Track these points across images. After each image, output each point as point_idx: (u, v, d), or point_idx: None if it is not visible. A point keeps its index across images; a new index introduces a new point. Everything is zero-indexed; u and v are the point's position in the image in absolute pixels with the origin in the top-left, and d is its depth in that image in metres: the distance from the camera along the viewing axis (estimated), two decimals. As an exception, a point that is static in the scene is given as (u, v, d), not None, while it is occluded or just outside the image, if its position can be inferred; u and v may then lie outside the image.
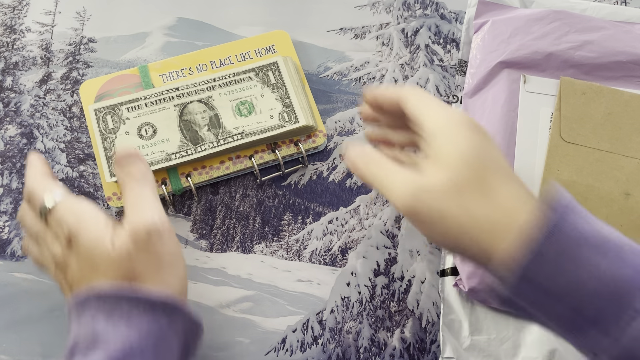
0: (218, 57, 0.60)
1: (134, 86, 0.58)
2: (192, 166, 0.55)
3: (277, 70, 0.57)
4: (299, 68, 0.59)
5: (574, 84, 0.55)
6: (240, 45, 0.61)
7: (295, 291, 0.56)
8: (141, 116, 0.55)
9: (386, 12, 0.65)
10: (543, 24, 0.57)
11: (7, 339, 0.52)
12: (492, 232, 0.34)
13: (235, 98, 0.56)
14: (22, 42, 0.64)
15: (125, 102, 0.55)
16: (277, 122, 0.55)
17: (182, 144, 0.54)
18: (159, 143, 0.54)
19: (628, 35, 0.56)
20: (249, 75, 0.57)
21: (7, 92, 0.62)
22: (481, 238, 0.34)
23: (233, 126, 0.55)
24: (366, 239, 0.57)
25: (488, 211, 0.34)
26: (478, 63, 0.57)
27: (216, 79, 0.57)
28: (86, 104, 0.58)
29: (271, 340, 0.53)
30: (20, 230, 0.57)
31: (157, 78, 0.59)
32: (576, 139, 0.53)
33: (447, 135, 0.36)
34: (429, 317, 0.54)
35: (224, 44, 0.61)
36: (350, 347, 0.53)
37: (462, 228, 0.34)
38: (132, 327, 0.36)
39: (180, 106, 0.55)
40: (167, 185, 0.55)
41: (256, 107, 0.56)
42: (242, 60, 0.60)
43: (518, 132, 0.54)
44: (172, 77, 0.59)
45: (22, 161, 0.59)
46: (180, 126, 0.55)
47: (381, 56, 0.63)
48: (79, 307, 0.38)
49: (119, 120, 0.55)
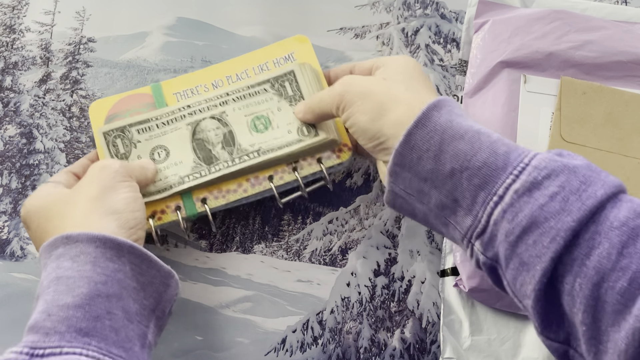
0: (234, 71, 0.55)
1: (147, 106, 0.53)
2: (208, 189, 0.50)
3: (294, 80, 0.52)
4: (320, 75, 0.53)
5: (574, 84, 0.54)
6: (257, 56, 0.55)
7: (295, 291, 0.55)
8: (153, 138, 0.51)
9: (386, 12, 0.65)
10: (543, 23, 0.57)
11: (6, 339, 0.52)
12: (400, 121, 0.40)
13: (250, 113, 0.51)
14: (21, 42, 0.64)
15: (135, 123, 0.51)
16: (295, 137, 0.50)
17: (195, 164, 0.50)
18: (173, 166, 0.50)
19: (628, 35, 0.56)
20: (264, 88, 0.52)
21: (7, 91, 0.62)
22: (393, 119, 0.40)
23: (248, 143, 0.50)
24: (366, 239, 0.57)
25: (406, 95, 0.42)
26: (478, 63, 0.57)
27: (229, 93, 0.52)
28: (96, 125, 0.53)
29: (271, 341, 0.53)
30: (20, 230, 0.57)
31: (171, 97, 0.54)
32: (577, 138, 0.53)
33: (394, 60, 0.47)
34: (429, 317, 0.54)
35: (241, 57, 0.55)
36: (350, 348, 0.53)
37: (380, 106, 0.41)
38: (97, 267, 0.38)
39: (193, 124, 0.51)
40: (181, 210, 0.49)
41: (273, 121, 0.51)
42: (260, 73, 0.54)
43: (518, 131, 0.54)
44: (186, 96, 0.54)
45: (22, 161, 0.59)
46: (193, 146, 0.50)
47: (381, 56, 0.63)
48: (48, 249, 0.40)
49: (129, 144, 0.50)
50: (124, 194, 0.44)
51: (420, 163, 0.38)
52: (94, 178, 0.44)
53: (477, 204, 0.36)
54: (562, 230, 0.32)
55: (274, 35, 0.65)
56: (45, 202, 0.44)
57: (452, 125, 0.38)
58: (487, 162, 0.36)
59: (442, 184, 0.37)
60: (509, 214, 0.34)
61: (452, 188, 0.37)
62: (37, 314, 0.37)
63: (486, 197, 0.35)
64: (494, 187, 0.35)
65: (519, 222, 0.34)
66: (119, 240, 0.40)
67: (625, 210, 0.33)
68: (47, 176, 0.59)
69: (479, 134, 0.37)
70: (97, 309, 0.37)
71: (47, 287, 0.38)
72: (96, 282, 0.38)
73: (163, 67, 0.65)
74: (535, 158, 0.35)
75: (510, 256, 0.34)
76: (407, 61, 0.47)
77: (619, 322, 0.31)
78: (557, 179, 0.34)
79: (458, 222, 0.37)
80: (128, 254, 0.40)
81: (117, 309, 0.38)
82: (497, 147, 0.36)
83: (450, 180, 0.37)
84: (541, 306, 0.34)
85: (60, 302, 0.37)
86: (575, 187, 0.33)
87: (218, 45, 0.65)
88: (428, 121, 0.38)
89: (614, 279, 0.31)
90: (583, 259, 0.32)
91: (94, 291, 0.37)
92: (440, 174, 0.37)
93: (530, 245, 0.33)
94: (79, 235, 0.39)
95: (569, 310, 0.33)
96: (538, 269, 0.33)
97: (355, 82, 0.44)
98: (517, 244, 0.34)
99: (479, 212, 0.36)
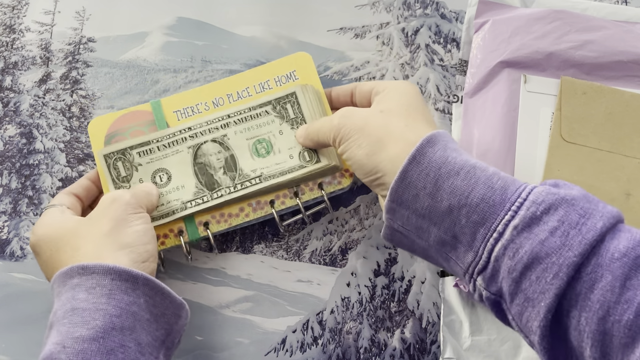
0: (235, 89, 0.54)
1: (147, 124, 0.53)
2: (210, 213, 0.51)
3: (296, 102, 0.52)
4: (322, 96, 0.53)
5: (574, 84, 0.54)
6: (258, 73, 0.55)
7: (295, 291, 0.55)
8: (154, 161, 0.51)
9: (386, 12, 0.65)
10: (544, 23, 0.57)
11: (6, 339, 0.52)
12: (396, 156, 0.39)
13: (251, 136, 0.51)
14: (21, 42, 0.64)
15: (135, 145, 0.51)
16: (297, 163, 0.50)
17: (197, 190, 0.50)
18: (175, 190, 0.50)
19: (629, 35, 0.56)
20: (266, 110, 0.52)
21: (7, 91, 0.62)
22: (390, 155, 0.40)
23: (250, 168, 0.51)
24: (366, 239, 0.57)
25: (404, 130, 0.41)
26: (478, 63, 0.57)
27: (230, 115, 0.52)
28: (95, 143, 0.53)
29: (271, 341, 0.53)
30: (19, 231, 0.57)
31: (171, 115, 0.53)
32: (577, 138, 0.53)
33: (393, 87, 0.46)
34: (430, 317, 0.54)
35: (242, 74, 0.55)
36: (351, 348, 0.53)
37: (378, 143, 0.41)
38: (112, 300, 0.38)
39: (194, 147, 0.51)
40: (183, 235, 0.51)
41: (274, 145, 0.51)
42: (261, 91, 0.54)
43: (519, 131, 0.54)
44: (187, 114, 0.54)
45: (22, 161, 0.59)
46: (194, 170, 0.51)
47: (381, 56, 0.63)
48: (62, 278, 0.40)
49: (131, 167, 0.51)
50: (136, 226, 0.44)
51: (417, 200, 0.38)
52: (105, 211, 0.45)
53: (477, 240, 0.36)
54: (565, 266, 0.32)
55: (274, 35, 0.65)
56: (55, 233, 0.45)
57: (448, 161, 0.38)
58: (484, 197, 0.36)
59: (440, 221, 0.37)
60: (510, 250, 0.34)
61: (450, 225, 0.37)
62: (52, 345, 0.37)
63: (486, 234, 0.35)
64: (493, 224, 0.35)
65: (521, 258, 0.34)
66: (134, 273, 0.40)
67: (625, 240, 0.32)
68: (47, 176, 0.59)
69: (474, 168, 0.37)
70: (111, 342, 0.37)
71: (62, 318, 0.38)
72: (111, 315, 0.38)
73: (163, 67, 0.65)
74: (532, 192, 0.35)
75: (515, 292, 0.34)
76: (407, 89, 0.46)
77: (628, 356, 0.31)
78: (556, 213, 0.34)
79: (459, 258, 0.37)
80: (143, 286, 0.40)
81: (130, 342, 0.38)
82: (494, 182, 0.36)
83: (449, 216, 0.37)
84: (547, 342, 0.34)
85: (75, 334, 0.37)
86: (574, 220, 0.33)
87: (218, 45, 0.65)
88: (423, 158, 0.38)
89: (619, 312, 0.31)
90: (587, 293, 0.32)
91: (109, 324, 0.38)
92: (438, 211, 0.37)
93: (533, 282, 0.33)
94: (95, 266, 0.40)
95: (577, 345, 0.33)
96: (542, 306, 0.33)
97: (354, 115, 0.44)
98: (520, 280, 0.34)
99: (479, 248, 0.36)
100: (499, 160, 0.54)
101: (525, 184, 0.36)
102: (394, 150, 0.40)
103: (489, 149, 0.54)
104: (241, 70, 0.62)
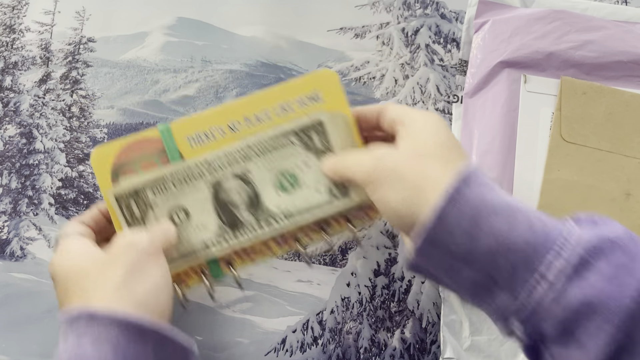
0: (253, 111, 0.48)
1: (158, 154, 0.47)
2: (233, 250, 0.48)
3: (323, 132, 0.47)
4: (352, 124, 0.47)
5: (574, 84, 0.54)
6: (278, 93, 0.48)
7: (295, 291, 0.55)
8: (170, 199, 0.46)
9: (386, 12, 0.65)
10: (544, 23, 0.57)
11: (6, 339, 0.52)
12: None
13: (275, 169, 0.47)
14: (21, 42, 0.64)
15: (149, 182, 0.46)
16: (325, 198, 0.46)
17: (220, 230, 0.46)
18: (195, 230, 0.46)
19: (629, 35, 0.56)
20: (290, 139, 0.47)
21: (7, 91, 0.62)
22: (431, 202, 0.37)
23: (275, 205, 0.46)
24: (366, 239, 0.57)
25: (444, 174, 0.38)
26: (478, 63, 0.57)
27: (251, 145, 0.47)
28: (101, 178, 0.48)
29: (271, 341, 0.53)
30: (19, 231, 0.57)
31: (184, 142, 0.47)
32: (577, 138, 0.53)
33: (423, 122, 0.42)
34: (430, 317, 0.54)
35: (259, 93, 0.48)
36: (351, 348, 0.53)
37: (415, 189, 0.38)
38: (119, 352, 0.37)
39: (214, 184, 0.47)
40: (206, 274, 0.47)
41: (300, 179, 0.46)
42: (282, 113, 0.48)
43: (519, 131, 0.54)
44: (200, 140, 0.48)
45: (22, 161, 0.59)
46: (215, 208, 0.46)
47: (381, 56, 0.63)
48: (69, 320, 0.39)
49: (145, 207, 0.46)
50: (152, 277, 0.41)
51: (453, 241, 0.36)
52: (119, 257, 0.42)
53: (516, 283, 0.35)
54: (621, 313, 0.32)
55: (274, 35, 0.65)
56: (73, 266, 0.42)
57: (485, 200, 0.36)
58: (526, 239, 0.35)
59: (475, 262, 0.36)
60: (554, 293, 0.34)
61: (486, 266, 0.36)
62: None
63: (527, 276, 0.34)
64: (536, 266, 0.34)
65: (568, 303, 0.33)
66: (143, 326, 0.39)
67: None
68: (47, 176, 0.59)
69: (510, 207, 0.36)
70: None
71: None
72: None
73: (163, 67, 0.65)
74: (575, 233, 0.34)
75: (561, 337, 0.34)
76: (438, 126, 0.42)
77: None
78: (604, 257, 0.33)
79: (493, 299, 0.36)
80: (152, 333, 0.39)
81: None
82: (533, 222, 0.35)
83: (485, 258, 0.35)
84: None
85: None
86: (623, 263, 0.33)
87: (218, 45, 0.65)
88: (460, 198, 0.36)
89: None
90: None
91: None
92: (475, 253, 0.36)
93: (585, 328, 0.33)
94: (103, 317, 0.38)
95: None
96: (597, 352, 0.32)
97: (388, 157, 0.41)
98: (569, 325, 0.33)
99: (519, 292, 0.35)
100: (499, 160, 0.54)
101: (564, 223, 0.35)
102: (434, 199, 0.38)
103: (489, 149, 0.54)
104: (241, 70, 0.62)
